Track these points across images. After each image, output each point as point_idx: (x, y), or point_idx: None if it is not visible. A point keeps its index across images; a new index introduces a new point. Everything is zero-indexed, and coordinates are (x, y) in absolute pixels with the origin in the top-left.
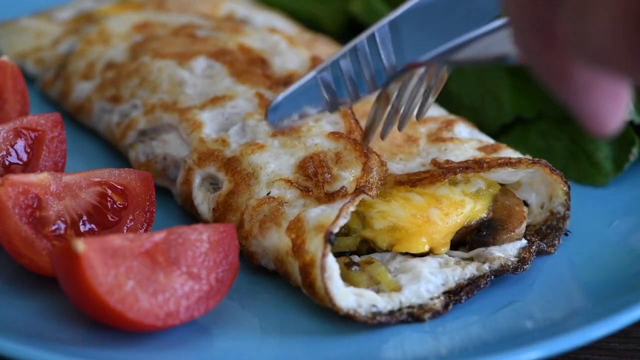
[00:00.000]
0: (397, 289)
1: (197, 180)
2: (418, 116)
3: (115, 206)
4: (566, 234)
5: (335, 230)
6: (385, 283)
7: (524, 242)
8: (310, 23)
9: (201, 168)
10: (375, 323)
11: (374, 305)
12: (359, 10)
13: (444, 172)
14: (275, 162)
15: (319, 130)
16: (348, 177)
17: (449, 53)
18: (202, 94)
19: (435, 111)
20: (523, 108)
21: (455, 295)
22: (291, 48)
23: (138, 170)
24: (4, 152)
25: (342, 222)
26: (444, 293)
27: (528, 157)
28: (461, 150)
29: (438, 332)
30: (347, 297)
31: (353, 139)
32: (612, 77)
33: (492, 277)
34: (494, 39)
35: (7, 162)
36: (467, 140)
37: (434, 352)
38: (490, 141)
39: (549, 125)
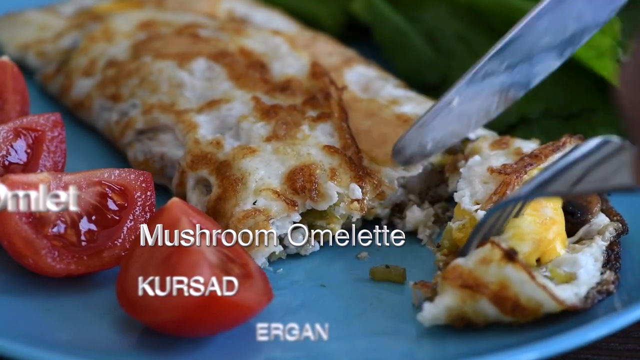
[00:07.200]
0: (573, 277)
1: (190, 183)
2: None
3: (115, 206)
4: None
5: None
6: (558, 278)
7: (603, 215)
8: (310, 22)
9: (194, 171)
10: (588, 307)
11: (576, 294)
12: (360, 9)
13: (519, 170)
14: (265, 169)
15: (314, 141)
16: (334, 196)
17: (567, 187)
18: (200, 97)
19: None
20: (528, 109)
21: (612, 265)
22: (292, 52)
23: (138, 170)
24: (4, 152)
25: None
26: (602, 266)
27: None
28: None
29: (438, 332)
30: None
31: (349, 156)
32: None
33: (618, 240)
34: (611, 167)
35: (7, 162)
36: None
37: (435, 353)
38: (496, 136)
39: (552, 122)
